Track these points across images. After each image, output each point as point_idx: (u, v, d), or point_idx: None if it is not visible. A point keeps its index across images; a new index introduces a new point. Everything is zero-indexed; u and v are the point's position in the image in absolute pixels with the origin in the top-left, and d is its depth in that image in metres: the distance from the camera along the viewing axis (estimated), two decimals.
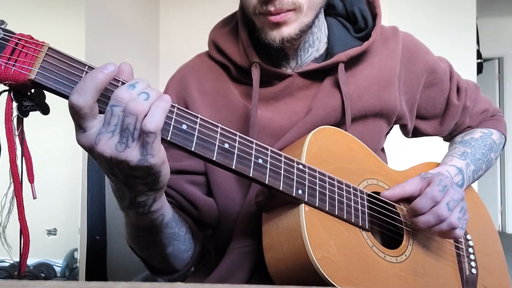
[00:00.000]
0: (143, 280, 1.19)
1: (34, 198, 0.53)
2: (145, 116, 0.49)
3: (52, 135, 2.66)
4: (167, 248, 0.70)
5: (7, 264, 2.39)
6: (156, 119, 0.49)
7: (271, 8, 0.70)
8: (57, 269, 2.59)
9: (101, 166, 0.53)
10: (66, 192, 2.60)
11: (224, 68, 0.84)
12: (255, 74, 0.77)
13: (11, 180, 0.51)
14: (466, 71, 3.20)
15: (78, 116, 0.48)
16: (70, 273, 2.54)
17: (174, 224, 0.69)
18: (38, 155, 0.56)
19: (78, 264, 2.54)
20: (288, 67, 0.82)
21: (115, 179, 0.54)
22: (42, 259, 2.61)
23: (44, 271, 2.51)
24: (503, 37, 5.29)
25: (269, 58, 0.82)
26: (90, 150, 0.50)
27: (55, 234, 2.69)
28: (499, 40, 5.25)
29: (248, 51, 0.79)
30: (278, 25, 0.72)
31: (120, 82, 0.52)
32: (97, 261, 1.03)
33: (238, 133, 0.60)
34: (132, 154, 0.50)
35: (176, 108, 0.55)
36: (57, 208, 2.60)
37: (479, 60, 3.76)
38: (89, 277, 1.02)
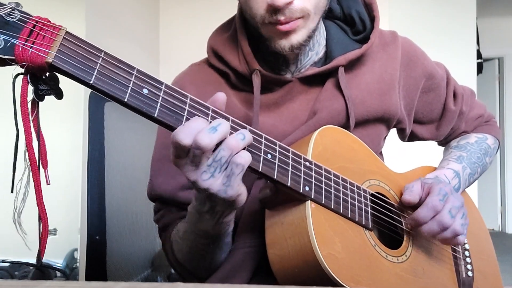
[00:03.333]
0: (143, 280, 1.20)
1: (47, 184, 0.53)
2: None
3: (51, 135, 2.66)
4: (222, 256, 0.74)
5: (7, 264, 2.38)
6: (247, 155, 0.56)
7: (281, 18, 0.69)
8: None
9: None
10: (66, 192, 2.60)
11: (223, 75, 0.83)
12: (256, 82, 0.77)
13: (26, 165, 0.51)
14: (466, 71, 3.21)
15: (198, 154, 0.54)
16: (70, 273, 2.54)
17: (230, 234, 0.73)
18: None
19: (78, 264, 2.54)
20: (288, 71, 0.82)
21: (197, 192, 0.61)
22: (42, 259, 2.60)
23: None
24: (503, 37, 5.29)
25: (268, 63, 0.81)
26: (194, 182, 0.56)
27: (55, 234, 2.68)
28: (499, 40, 5.25)
29: (249, 59, 0.78)
30: (287, 33, 0.71)
31: (210, 116, 0.57)
32: (97, 261, 1.03)
33: (248, 126, 0.60)
34: (215, 184, 0.56)
35: (189, 98, 0.57)
36: (57, 208, 2.59)
37: (479, 60, 3.77)
38: (89, 277, 1.01)
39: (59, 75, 0.52)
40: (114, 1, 2.71)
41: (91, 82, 0.50)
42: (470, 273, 0.84)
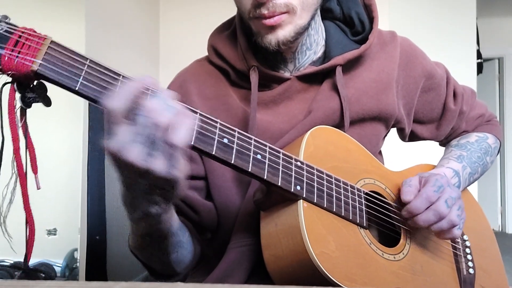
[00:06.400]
0: (143, 280, 1.20)
1: (38, 189, 0.54)
2: (171, 128, 0.49)
3: (52, 136, 2.67)
4: (171, 255, 0.71)
5: (7, 264, 2.39)
6: (181, 133, 0.50)
7: (265, 11, 0.71)
8: (57, 269, 2.60)
9: (122, 174, 0.53)
10: (66, 192, 2.61)
11: (224, 72, 0.84)
12: (254, 77, 0.78)
13: (13, 171, 0.52)
14: (466, 71, 3.21)
15: (109, 120, 0.49)
16: (70, 273, 2.54)
17: (179, 232, 0.70)
18: (37, 155, 0.56)
19: (78, 264, 2.54)
20: (286, 70, 0.83)
21: (132, 189, 0.55)
22: (42, 259, 2.61)
23: (44, 271, 2.51)
24: (503, 37, 5.29)
25: (267, 62, 0.82)
26: (116, 156, 0.50)
27: (55, 234, 2.69)
28: (499, 40, 5.25)
29: (247, 55, 0.79)
30: (273, 28, 0.72)
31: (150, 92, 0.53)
32: (97, 261, 1.03)
33: (237, 129, 0.61)
34: (156, 164, 0.49)
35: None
36: (57, 208, 2.60)
37: (479, 60, 3.76)
38: (89, 277, 1.02)
39: (46, 83, 0.53)
40: (114, 5, 2.72)
41: (77, 88, 0.51)
42: (471, 270, 0.83)
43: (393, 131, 0.95)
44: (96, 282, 0.43)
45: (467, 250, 0.86)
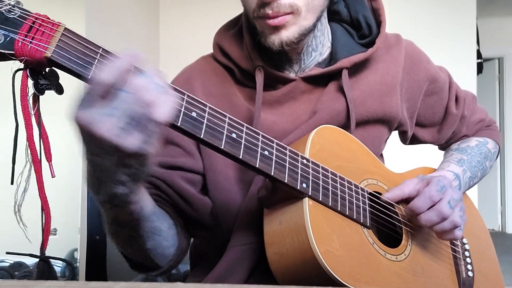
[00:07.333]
0: (143, 280, 1.19)
1: (52, 177, 0.54)
2: (154, 105, 0.47)
3: (52, 135, 2.66)
4: (147, 242, 0.68)
5: (7, 264, 2.39)
6: (167, 111, 0.48)
7: (269, 11, 0.70)
8: (57, 269, 2.59)
9: (89, 150, 0.50)
10: (66, 192, 2.60)
11: (229, 70, 0.84)
12: (259, 77, 0.78)
13: (27, 159, 0.52)
14: (466, 71, 3.21)
15: (92, 90, 0.46)
16: (71, 271, 2.54)
17: (155, 217, 0.67)
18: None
19: (78, 264, 2.54)
20: (291, 71, 0.83)
21: (98, 167, 0.52)
22: None
23: (46, 271, 2.51)
24: (503, 37, 5.30)
25: (272, 62, 0.82)
26: (86, 127, 0.46)
27: (55, 234, 2.68)
28: (499, 40, 5.26)
29: (252, 55, 0.79)
30: (277, 28, 0.72)
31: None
32: (97, 261, 1.03)
33: (245, 124, 0.61)
34: (132, 141, 0.47)
35: (186, 95, 0.56)
36: (57, 208, 2.60)
37: (479, 60, 3.77)
38: (89, 277, 1.02)
39: (58, 71, 0.53)
40: (114, 2, 2.72)
41: (89, 77, 0.51)
42: (470, 273, 0.84)
43: (394, 134, 0.95)
44: (96, 282, 0.43)
45: (466, 253, 0.86)
